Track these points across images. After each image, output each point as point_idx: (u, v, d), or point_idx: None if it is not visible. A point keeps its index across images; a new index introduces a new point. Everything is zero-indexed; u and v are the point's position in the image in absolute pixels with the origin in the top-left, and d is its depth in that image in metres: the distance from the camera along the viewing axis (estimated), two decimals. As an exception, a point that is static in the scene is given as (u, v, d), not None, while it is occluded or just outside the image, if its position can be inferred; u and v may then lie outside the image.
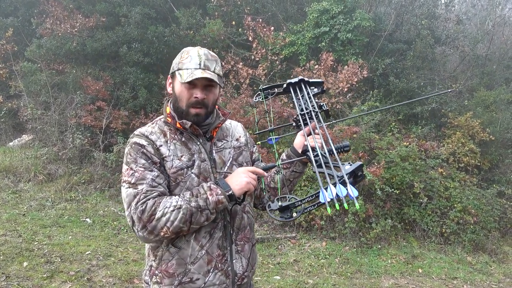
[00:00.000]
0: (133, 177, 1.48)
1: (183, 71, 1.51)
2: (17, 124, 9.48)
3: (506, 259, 6.18)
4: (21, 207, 6.26)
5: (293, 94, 1.68)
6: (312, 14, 8.66)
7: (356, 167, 1.30)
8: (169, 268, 1.54)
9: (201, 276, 1.55)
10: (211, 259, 1.56)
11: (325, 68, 7.71)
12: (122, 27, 8.89)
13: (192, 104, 1.54)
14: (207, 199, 1.43)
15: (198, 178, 1.55)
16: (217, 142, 1.67)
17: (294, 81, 1.71)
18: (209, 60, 1.54)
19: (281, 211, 1.38)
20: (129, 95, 8.62)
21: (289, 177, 1.73)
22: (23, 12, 10.45)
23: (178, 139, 1.58)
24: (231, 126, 1.78)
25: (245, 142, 1.77)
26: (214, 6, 9.38)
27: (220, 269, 1.58)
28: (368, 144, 6.80)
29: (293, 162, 1.69)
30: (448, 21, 10.22)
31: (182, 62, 1.53)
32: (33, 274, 4.05)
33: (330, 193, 1.21)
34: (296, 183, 1.81)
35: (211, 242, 1.56)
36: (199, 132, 1.59)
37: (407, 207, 6.48)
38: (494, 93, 8.66)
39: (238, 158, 1.70)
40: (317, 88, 1.71)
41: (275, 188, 1.74)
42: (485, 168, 7.90)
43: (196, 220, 1.43)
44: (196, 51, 1.55)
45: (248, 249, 1.68)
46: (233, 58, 8.45)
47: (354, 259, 5.39)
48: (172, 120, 1.59)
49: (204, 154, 1.60)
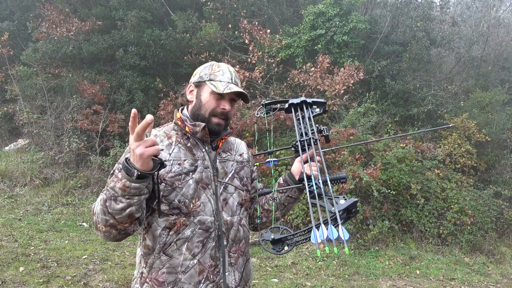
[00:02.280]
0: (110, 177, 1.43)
1: (217, 83, 1.57)
2: (13, 129, 9.44)
3: (503, 260, 6.19)
4: (17, 212, 6.22)
5: (294, 118, 1.67)
6: (308, 16, 8.69)
7: (350, 204, 1.30)
8: (159, 277, 1.51)
9: (192, 286, 1.51)
10: (203, 269, 1.53)
11: (321, 71, 7.73)
12: (118, 31, 8.89)
13: (216, 114, 1.58)
14: (114, 187, 1.31)
15: (197, 185, 1.54)
16: (222, 153, 1.67)
17: (296, 101, 1.70)
18: (237, 78, 1.64)
19: (273, 243, 1.42)
20: (125, 98, 8.60)
21: (284, 201, 1.74)
22: (18, 16, 10.43)
23: (183, 143, 1.59)
24: (235, 142, 1.81)
25: (247, 159, 1.79)
26: (210, 9, 9.40)
27: (212, 281, 1.54)
28: (364, 146, 6.81)
29: (288, 188, 1.69)
30: (443, 23, 10.28)
31: (214, 74, 1.59)
32: (29, 279, 4.02)
33: (322, 234, 1.19)
34: (290, 208, 1.81)
35: (204, 251, 1.53)
36: (208, 138, 1.59)
37: (404, 209, 6.49)
38: (490, 94, 8.71)
39: (240, 172, 1.71)
40: (319, 108, 1.71)
41: (269, 210, 1.75)
42: (482, 169, 7.93)
43: (112, 208, 1.32)
44: (226, 67, 1.63)
45: (242, 263, 1.65)
46: (230, 61, 8.46)
47: (352, 261, 5.39)
48: (182, 124, 1.60)
49: (208, 162, 1.60)
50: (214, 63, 1.64)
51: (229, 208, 1.61)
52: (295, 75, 7.93)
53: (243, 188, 1.69)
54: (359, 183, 5.99)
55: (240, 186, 1.68)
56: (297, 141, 1.58)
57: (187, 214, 1.52)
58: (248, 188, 1.73)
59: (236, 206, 1.64)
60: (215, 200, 1.57)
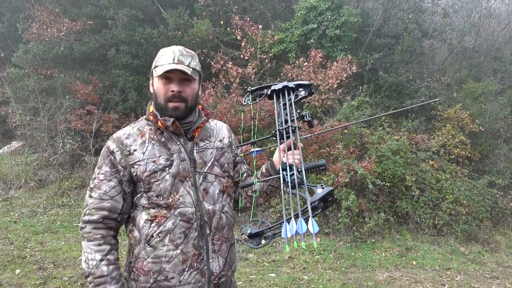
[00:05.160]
0: (93, 182, 1.58)
1: (158, 68, 1.54)
2: (6, 131, 9.37)
3: (498, 248, 6.25)
4: (12, 215, 6.20)
5: (276, 105, 1.61)
6: (300, 11, 8.67)
7: (326, 193, 1.30)
8: (144, 267, 1.56)
9: (176, 274, 1.55)
10: (186, 258, 1.56)
11: (314, 65, 7.72)
12: (110, 30, 8.83)
13: (169, 98, 1.55)
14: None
15: (174, 179, 1.55)
16: (199, 142, 1.66)
17: (277, 87, 1.64)
18: (183, 56, 1.55)
19: (251, 237, 1.43)
20: (119, 98, 8.55)
21: (266, 190, 1.75)
22: (8, 17, 10.32)
23: (157, 139, 1.59)
24: (216, 127, 1.77)
25: (228, 144, 1.76)
26: (202, 6, 9.35)
27: (196, 268, 1.58)
28: (359, 139, 6.83)
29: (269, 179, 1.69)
30: (435, 14, 10.28)
31: (157, 60, 1.58)
32: (26, 281, 4.02)
33: (291, 228, 1.18)
34: (273, 196, 1.81)
35: (186, 242, 1.56)
36: (181, 131, 1.58)
37: (400, 200, 6.53)
38: (482, 84, 8.75)
39: (220, 159, 1.70)
40: (304, 91, 1.64)
41: (252, 197, 1.76)
42: (476, 159, 7.98)
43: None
44: (171, 49, 1.58)
45: (225, 249, 1.67)
46: (223, 57, 8.43)
47: (348, 254, 5.42)
48: (154, 119, 1.60)
49: (184, 154, 1.60)
50: (162, 49, 1.61)
51: (210, 197, 1.62)
52: (288, 70, 7.92)
53: (224, 175, 1.69)
54: (354, 176, 6.01)
55: (221, 173, 1.68)
56: (276, 130, 1.55)
57: (167, 207, 1.55)
58: (230, 174, 1.73)
59: (218, 194, 1.65)
60: (194, 192, 1.59)
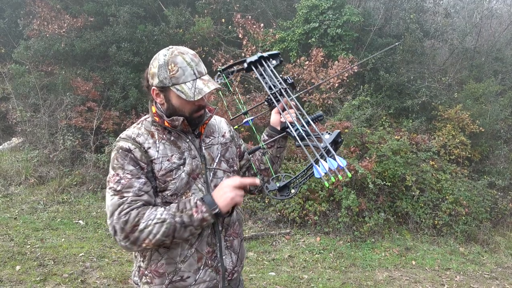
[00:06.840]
0: (119, 184, 1.44)
1: (183, 86, 1.46)
2: (6, 127, 9.36)
3: (498, 249, 6.26)
4: (13, 211, 6.19)
5: (257, 74, 1.71)
6: (301, 10, 8.66)
7: (336, 135, 1.41)
8: (159, 268, 1.54)
9: (192, 274, 1.55)
10: (201, 256, 1.56)
11: (315, 64, 7.72)
12: (111, 27, 8.81)
13: (195, 111, 1.56)
14: (192, 215, 1.41)
15: (188, 177, 1.55)
16: (205, 139, 1.67)
17: (254, 59, 1.73)
18: (198, 65, 1.50)
19: (280, 190, 1.44)
20: (119, 95, 8.54)
21: (276, 153, 1.78)
22: (9, 13, 10.30)
23: (166, 138, 1.57)
24: (216, 122, 1.79)
25: (230, 138, 1.79)
26: (203, 4, 9.33)
27: (210, 266, 1.59)
28: (359, 138, 6.83)
29: (276, 140, 1.74)
30: (437, 14, 10.27)
31: (175, 77, 1.46)
32: (26, 278, 4.02)
33: (323, 168, 1.29)
34: (283, 157, 1.86)
35: (200, 240, 1.56)
36: (188, 129, 1.58)
37: (400, 200, 6.53)
38: (483, 85, 8.74)
39: (225, 154, 1.72)
40: (275, 60, 1.75)
41: (266, 169, 1.80)
42: (476, 160, 7.99)
43: (179, 235, 1.42)
44: (182, 60, 1.47)
45: (237, 244, 1.70)
46: (224, 55, 8.42)
47: (348, 253, 5.43)
48: (159, 120, 1.57)
49: (194, 151, 1.60)
50: (169, 59, 1.47)
51: None
52: (289, 69, 7.92)
53: (231, 170, 1.70)
54: (355, 175, 6.01)
55: (228, 168, 1.69)
56: (269, 94, 1.64)
57: None
58: (235, 168, 1.75)
59: None
60: (206, 188, 1.59)
